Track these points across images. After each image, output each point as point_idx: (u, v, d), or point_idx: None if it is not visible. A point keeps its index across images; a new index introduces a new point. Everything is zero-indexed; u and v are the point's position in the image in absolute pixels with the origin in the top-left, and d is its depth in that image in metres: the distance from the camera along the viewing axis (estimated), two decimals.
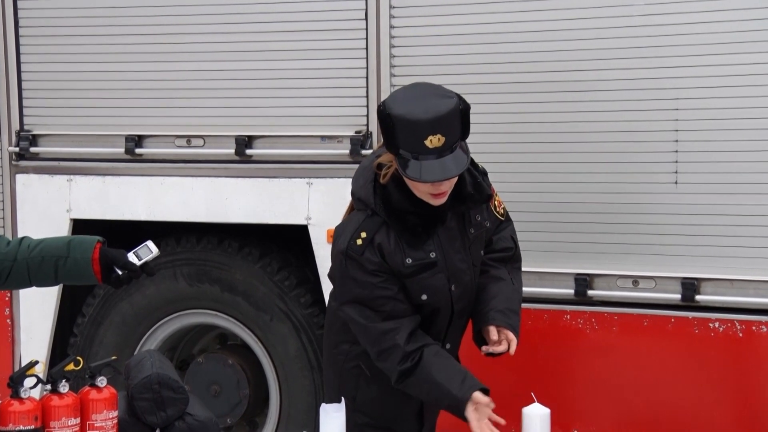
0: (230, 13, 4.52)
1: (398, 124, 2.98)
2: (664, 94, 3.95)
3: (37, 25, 4.81)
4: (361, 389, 3.35)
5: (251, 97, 4.53)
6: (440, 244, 3.18)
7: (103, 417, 2.71)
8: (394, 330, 3.13)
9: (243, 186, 4.55)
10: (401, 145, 2.99)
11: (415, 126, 2.96)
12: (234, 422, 4.85)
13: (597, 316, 4.12)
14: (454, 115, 3.00)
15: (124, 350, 4.79)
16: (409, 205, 3.11)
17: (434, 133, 2.95)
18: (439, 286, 3.19)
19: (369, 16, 4.31)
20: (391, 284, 3.13)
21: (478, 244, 3.31)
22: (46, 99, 4.83)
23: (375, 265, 3.12)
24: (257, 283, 4.66)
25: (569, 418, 4.16)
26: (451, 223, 3.20)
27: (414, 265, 3.14)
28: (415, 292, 3.17)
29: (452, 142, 2.99)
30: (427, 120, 2.95)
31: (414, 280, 3.15)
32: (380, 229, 3.13)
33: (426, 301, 3.19)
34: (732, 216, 3.90)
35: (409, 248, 3.13)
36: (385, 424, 3.36)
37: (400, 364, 3.12)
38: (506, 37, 4.13)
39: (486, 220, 3.31)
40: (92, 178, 4.77)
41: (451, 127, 2.99)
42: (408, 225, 3.12)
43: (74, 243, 3.01)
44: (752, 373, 3.96)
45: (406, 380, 3.15)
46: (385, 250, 3.12)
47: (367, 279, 3.12)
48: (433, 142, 2.95)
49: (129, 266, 3.00)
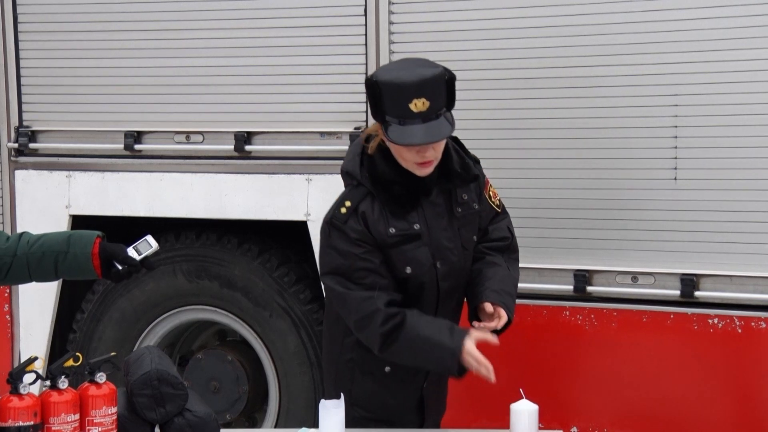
0: (229, 9, 4.52)
1: (384, 89, 3.04)
2: (663, 90, 3.95)
3: (36, 21, 4.81)
4: (356, 382, 3.35)
5: (250, 93, 4.52)
6: (425, 218, 3.20)
7: (102, 413, 2.71)
8: (374, 297, 3.12)
9: (242, 182, 4.55)
10: (387, 110, 3.05)
11: (400, 89, 3.02)
12: (233, 418, 4.85)
13: (596, 312, 4.12)
14: (439, 80, 3.06)
15: (124, 346, 4.79)
16: (395, 175, 3.15)
17: (419, 96, 3.01)
18: (422, 260, 3.19)
19: (368, 11, 4.31)
20: (372, 256, 3.14)
21: (468, 228, 3.31)
22: (46, 95, 4.83)
23: (358, 233, 3.13)
24: (256, 279, 4.66)
25: (569, 414, 4.17)
26: (438, 199, 3.22)
27: (397, 235, 3.15)
28: (399, 264, 3.17)
29: (437, 108, 3.04)
30: (412, 83, 3.02)
31: (397, 251, 3.16)
32: (365, 198, 3.17)
33: (410, 275, 3.18)
34: (731, 212, 3.90)
35: (393, 218, 3.16)
36: (384, 417, 3.35)
37: (381, 326, 3.10)
38: (506, 33, 4.13)
39: (474, 202, 3.31)
40: (91, 174, 4.77)
41: (435, 92, 3.04)
42: (392, 194, 3.16)
43: (74, 238, 3.02)
44: (751, 369, 3.96)
45: (391, 344, 3.12)
46: (369, 219, 3.14)
47: (350, 249, 3.13)
48: (417, 106, 3.01)
49: (129, 261, 3.01)
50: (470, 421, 4.14)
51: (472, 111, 4.18)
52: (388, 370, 3.30)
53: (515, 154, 4.17)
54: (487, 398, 4.18)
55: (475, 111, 4.19)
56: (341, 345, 3.36)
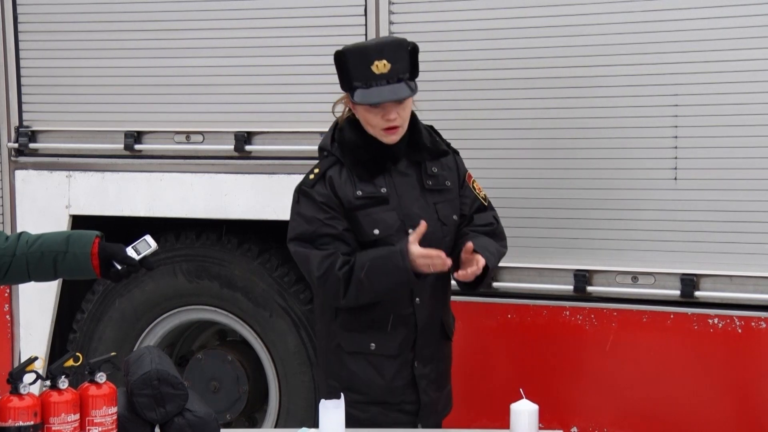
0: (229, 9, 4.52)
1: (349, 55, 3.24)
2: (663, 90, 3.95)
3: (36, 21, 4.81)
4: (345, 366, 3.38)
5: (250, 93, 4.53)
6: (394, 186, 3.32)
7: (102, 413, 2.71)
8: (336, 253, 3.24)
9: (242, 182, 4.55)
10: (353, 76, 3.23)
11: (362, 52, 3.24)
12: (233, 418, 4.85)
13: (596, 312, 4.12)
14: (399, 46, 3.27)
15: (124, 346, 4.79)
16: (362, 142, 3.30)
17: (380, 58, 3.20)
18: (390, 222, 3.28)
19: (368, 11, 4.31)
20: (336, 222, 3.26)
21: (445, 205, 3.39)
22: (46, 95, 4.83)
23: (324, 197, 3.27)
24: (257, 279, 4.66)
25: (569, 414, 4.17)
26: (409, 171, 3.35)
27: (364, 197, 3.28)
28: (367, 227, 3.28)
29: (399, 71, 3.22)
30: (372, 45, 3.29)
31: (364, 213, 3.28)
32: (334, 165, 3.33)
33: (379, 236, 3.27)
34: (731, 212, 3.90)
35: (360, 182, 3.29)
36: (378, 399, 3.36)
37: (340, 269, 3.21)
38: (505, 33, 4.13)
39: (447, 180, 3.40)
40: (91, 174, 4.77)
41: (397, 55, 3.23)
42: (359, 158, 3.30)
43: (73, 238, 3.02)
44: (751, 368, 3.96)
45: (351, 282, 3.21)
46: (336, 183, 3.29)
47: (315, 215, 3.27)
48: (379, 68, 3.19)
49: (128, 261, 3.02)
50: (470, 421, 4.14)
51: (472, 111, 4.19)
52: (373, 346, 3.34)
53: (515, 153, 4.16)
54: (487, 398, 4.19)
55: (475, 111, 4.19)
56: (328, 332, 3.42)
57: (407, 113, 3.29)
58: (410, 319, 3.34)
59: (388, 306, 3.31)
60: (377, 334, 3.34)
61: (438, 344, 3.44)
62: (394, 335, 3.34)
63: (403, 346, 3.35)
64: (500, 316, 4.23)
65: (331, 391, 3.35)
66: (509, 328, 4.23)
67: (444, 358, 3.50)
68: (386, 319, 3.32)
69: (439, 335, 3.45)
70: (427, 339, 3.39)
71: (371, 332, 3.34)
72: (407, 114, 3.29)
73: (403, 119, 3.27)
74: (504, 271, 4.21)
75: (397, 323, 3.33)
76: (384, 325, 3.32)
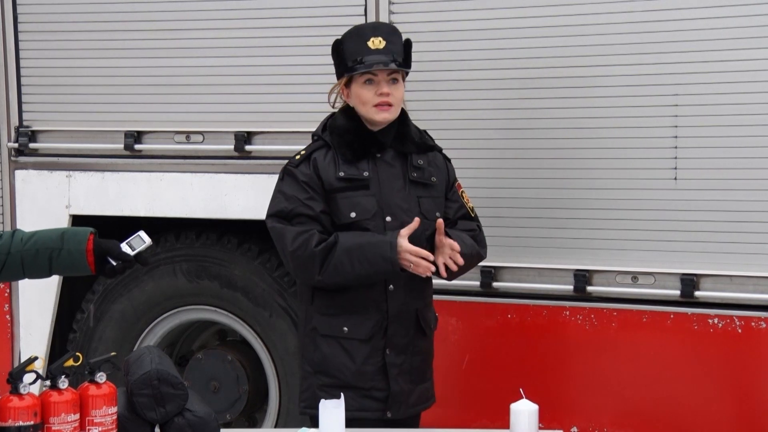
0: (229, 9, 4.52)
1: (345, 38, 3.41)
2: (663, 90, 3.94)
3: (36, 21, 4.81)
4: (318, 349, 3.45)
5: (250, 93, 4.53)
6: (377, 173, 3.40)
7: (102, 413, 2.71)
8: (312, 231, 3.34)
9: (242, 182, 4.55)
10: (348, 56, 3.38)
11: (358, 32, 3.40)
12: (233, 418, 4.85)
13: (596, 312, 4.12)
14: (395, 31, 3.44)
15: (124, 346, 4.79)
16: (350, 126, 3.42)
17: (375, 35, 3.36)
18: (368, 207, 3.36)
19: (368, 11, 4.31)
20: (314, 204, 3.36)
21: (429, 200, 3.46)
22: (46, 95, 4.83)
23: (306, 177, 3.38)
24: (257, 279, 4.66)
25: (569, 414, 4.17)
26: (394, 162, 3.44)
27: (345, 178, 3.38)
28: (344, 209, 3.36)
29: (393, 51, 3.36)
30: (368, 25, 3.50)
31: (344, 196, 3.37)
32: (321, 148, 3.44)
33: (355, 219, 3.36)
34: (731, 212, 3.90)
35: (343, 163, 3.39)
36: (348, 383, 3.41)
37: (316, 246, 3.30)
38: (505, 33, 4.13)
39: (433, 176, 3.47)
40: (91, 174, 4.77)
41: (391, 37, 3.39)
42: (345, 140, 3.40)
43: (68, 235, 3.04)
44: (751, 368, 3.96)
45: (329, 261, 3.29)
46: (319, 164, 3.39)
47: (295, 193, 3.37)
48: (375, 44, 3.34)
49: (123, 257, 3.04)
50: (470, 421, 4.15)
51: (472, 111, 4.18)
52: (345, 330, 3.40)
53: (515, 153, 4.16)
54: (487, 398, 4.19)
55: (475, 111, 4.19)
56: (306, 316, 3.50)
57: (399, 94, 3.40)
58: (382, 305, 3.40)
59: (362, 290, 3.38)
60: (350, 318, 3.41)
61: (412, 337, 3.46)
62: (367, 319, 3.40)
63: (374, 331, 3.40)
64: (500, 316, 4.23)
65: (306, 376, 3.49)
66: (509, 328, 4.23)
67: (420, 353, 3.51)
68: (359, 303, 3.39)
69: (414, 328, 3.47)
70: (400, 328, 3.43)
71: (345, 316, 3.41)
72: (399, 95, 3.40)
73: (395, 98, 3.38)
74: (504, 271, 4.22)
75: (370, 307, 3.39)
76: (357, 309, 3.39)
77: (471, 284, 4.22)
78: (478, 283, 4.22)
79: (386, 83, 3.37)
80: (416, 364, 3.50)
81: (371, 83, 3.38)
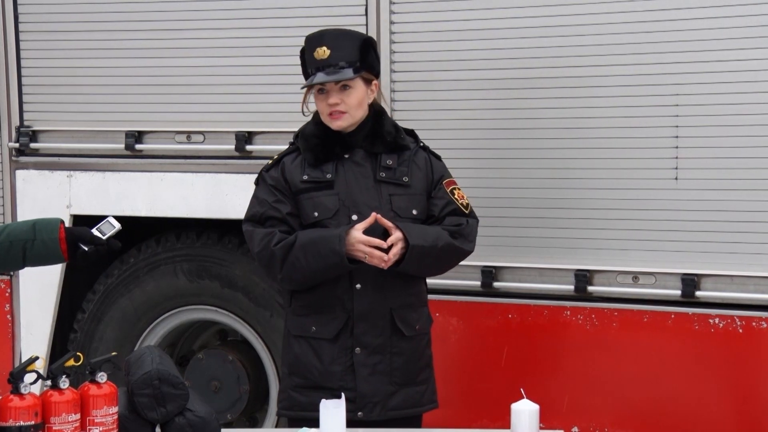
0: (230, 9, 4.52)
1: (304, 48, 3.48)
2: (664, 90, 3.95)
3: (37, 21, 4.81)
4: (290, 350, 3.50)
5: (251, 93, 4.53)
6: (344, 173, 3.45)
7: (103, 413, 2.71)
8: (274, 231, 3.41)
9: (243, 182, 4.55)
10: (306, 67, 3.48)
11: (308, 41, 3.47)
12: (234, 418, 4.85)
13: (597, 312, 4.12)
14: (347, 36, 3.46)
15: (124, 346, 4.80)
16: (317, 132, 3.49)
17: (320, 45, 3.41)
18: (330, 206, 3.42)
19: (369, 11, 4.31)
20: (282, 206, 3.44)
21: (403, 198, 3.46)
22: (47, 95, 4.84)
23: (274, 180, 3.48)
24: (257, 279, 4.66)
25: (570, 414, 4.17)
26: (364, 162, 3.47)
27: (309, 181, 3.45)
28: (308, 209, 3.43)
29: (339, 57, 3.38)
30: (315, 33, 3.46)
31: (308, 197, 3.44)
32: (291, 153, 3.53)
33: (318, 219, 3.41)
34: (732, 212, 3.90)
35: (309, 168, 3.46)
36: (317, 383, 3.41)
37: (276, 245, 3.37)
38: (506, 32, 4.13)
39: (405, 175, 3.47)
40: (92, 174, 4.77)
41: (339, 43, 3.41)
42: (310, 145, 3.48)
43: (39, 225, 3.13)
44: (752, 368, 3.96)
45: (288, 258, 3.34)
46: (287, 168, 3.48)
47: (265, 197, 3.47)
48: (320, 54, 3.40)
49: (96, 241, 3.13)
50: (470, 421, 4.15)
51: (472, 110, 4.19)
52: (314, 329, 3.43)
53: (515, 153, 4.16)
54: (488, 398, 4.19)
55: (474, 111, 4.19)
56: (285, 318, 3.56)
57: (352, 100, 3.41)
58: (348, 304, 3.41)
59: (328, 289, 3.41)
60: (318, 318, 3.43)
61: (387, 337, 3.42)
62: (333, 318, 3.41)
63: (341, 330, 3.41)
64: (501, 316, 4.23)
65: (283, 377, 3.54)
66: (510, 328, 4.23)
67: (402, 354, 3.45)
68: (326, 302, 3.42)
69: (390, 329, 3.43)
70: (370, 327, 3.41)
71: (313, 316, 3.44)
72: (352, 101, 3.41)
73: (347, 105, 3.41)
74: (504, 271, 4.22)
75: (336, 306, 3.41)
76: (323, 309, 3.42)
77: (471, 284, 4.22)
78: (478, 283, 4.22)
79: (336, 92, 3.40)
80: (398, 366, 3.44)
81: (323, 92, 3.43)
